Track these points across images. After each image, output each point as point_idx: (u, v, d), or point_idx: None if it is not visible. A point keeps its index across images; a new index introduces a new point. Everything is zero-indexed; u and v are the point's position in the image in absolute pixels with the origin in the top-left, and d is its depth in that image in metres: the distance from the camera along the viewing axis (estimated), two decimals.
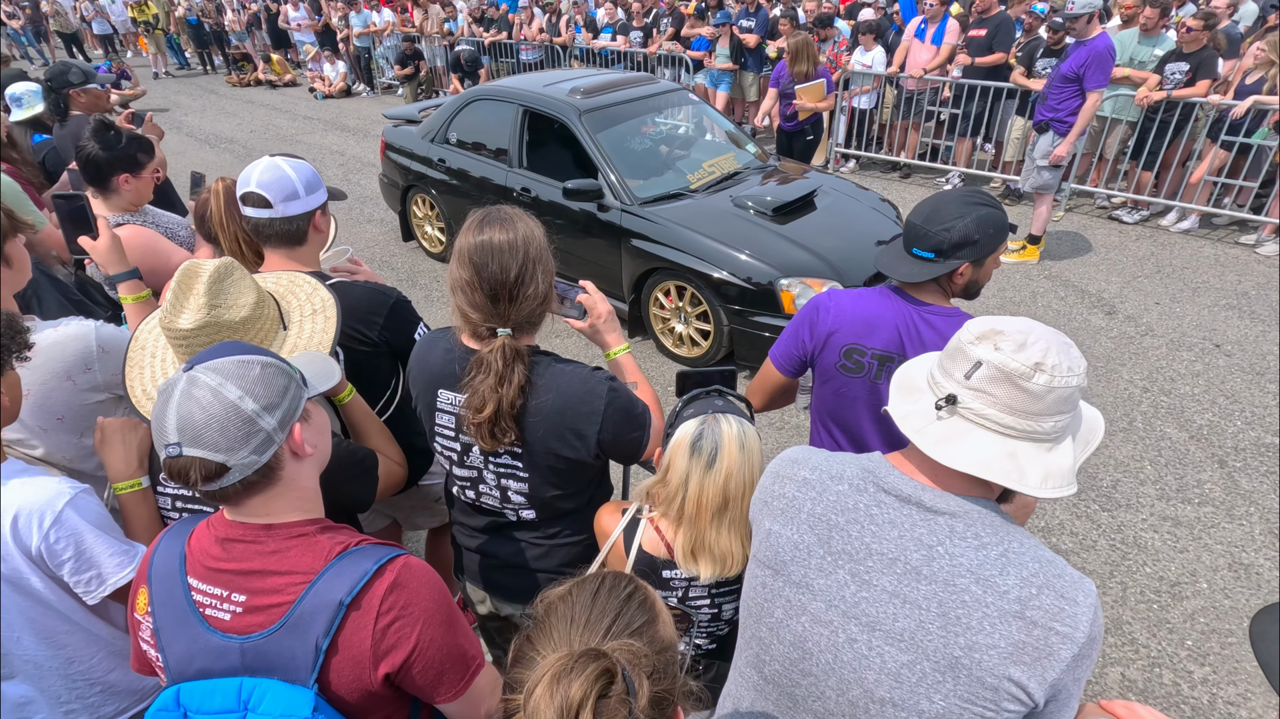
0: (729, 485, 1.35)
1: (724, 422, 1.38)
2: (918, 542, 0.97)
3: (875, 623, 0.98)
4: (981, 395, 0.93)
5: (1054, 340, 0.94)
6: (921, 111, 7.49)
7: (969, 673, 0.92)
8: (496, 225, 1.40)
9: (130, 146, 2.36)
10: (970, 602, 0.92)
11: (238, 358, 0.99)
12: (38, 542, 1.28)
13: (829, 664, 1.02)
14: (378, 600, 0.99)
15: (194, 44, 16.02)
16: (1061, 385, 0.91)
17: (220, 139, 10.25)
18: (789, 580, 1.06)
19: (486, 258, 1.37)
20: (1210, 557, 3.05)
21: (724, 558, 1.41)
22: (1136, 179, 6.46)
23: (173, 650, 1.02)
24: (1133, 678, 2.58)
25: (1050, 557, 0.95)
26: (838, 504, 1.04)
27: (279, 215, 1.71)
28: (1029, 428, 0.93)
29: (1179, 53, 5.93)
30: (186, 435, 0.94)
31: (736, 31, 8.50)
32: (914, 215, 1.68)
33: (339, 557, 1.02)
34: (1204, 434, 3.81)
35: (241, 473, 0.97)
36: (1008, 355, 0.91)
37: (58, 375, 1.56)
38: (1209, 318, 4.93)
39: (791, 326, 1.85)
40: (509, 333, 1.41)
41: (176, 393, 0.95)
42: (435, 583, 1.07)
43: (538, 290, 1.41)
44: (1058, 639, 0.90)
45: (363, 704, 1.03)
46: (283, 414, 1.01)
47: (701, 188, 4.66)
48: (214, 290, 1.35)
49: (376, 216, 7.08)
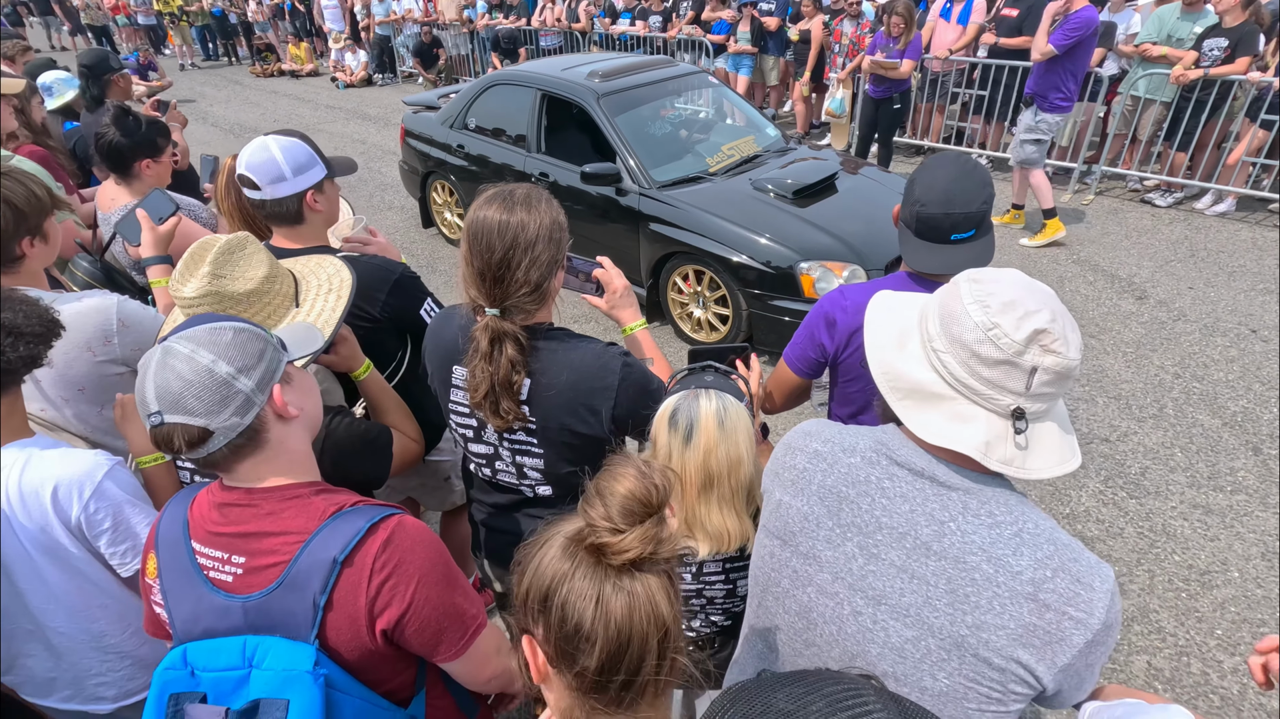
0: (709, 462, 1.33)
1: (703, 398, 1.36)
2: (929, 517, 0.94)
3: (881, 597, 0.96)
4: (1042, 398, 0.91)
5: (1064, 310, 0.91)
6: (946, 93, 7.33)
7: (975, 653, 0.90)
8: (498, 204, 1.35)
9: (149, 131, 2.38)
10: (980, 580, 0.90)
11: (210, 325, 1.01)
12: (78, 512, 1.31)
13: (833, 636, 1.01)
14: (370, 558, 1.00)
15: (219, 35, 16.23)
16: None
17: (245, 128, 10.37)
18: (796, 551, 1.05)
19: (478, 234, 1.34)
20: (1243, 545, 2.97)
21: (719, 535, 1.39)
22: (1170, 161, 6.26)
23: (179, 611, 1.05)
24: (1159, 666, 2.52)
25: (1067, 539, 0.92)
26: (849, 476, 1.02)
27: (268, 198, 1.70)
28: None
29: (1218, 28, 5.71)
30: (165, 403, 0.96)
31: (757, 15, 8.38)
32: (931, 206, 1.55)
33: (333, 516, 1.03)
34: (1238, 421, 3.70)
35: (226, 436, 0.98)
36: (1064, 357, 0.87)
37: (78, 346, 1.59)
38: (1245, 303, 4.78)
39: (805, 329, 1.79)
40: (496, 313, 1.38)
41: (153, 364, 0.97)
42: (430, 541, 1.07)
43: (528, 278, 1.34)
44: (1070, 624, 0.87)
45: (364, 662, 1.04)
46: (260, 376, 1.01)
47: (721, 171, 4.62)
48: (220, 262, 1.37)
49: (397, 203, 7.13)
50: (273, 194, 1.70)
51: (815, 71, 8.17)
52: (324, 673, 0.98)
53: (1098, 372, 4.14)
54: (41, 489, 1.29)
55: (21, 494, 1.29)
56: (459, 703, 1.26)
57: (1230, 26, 5.62)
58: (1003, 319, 0.88)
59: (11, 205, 1.59)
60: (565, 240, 1.42)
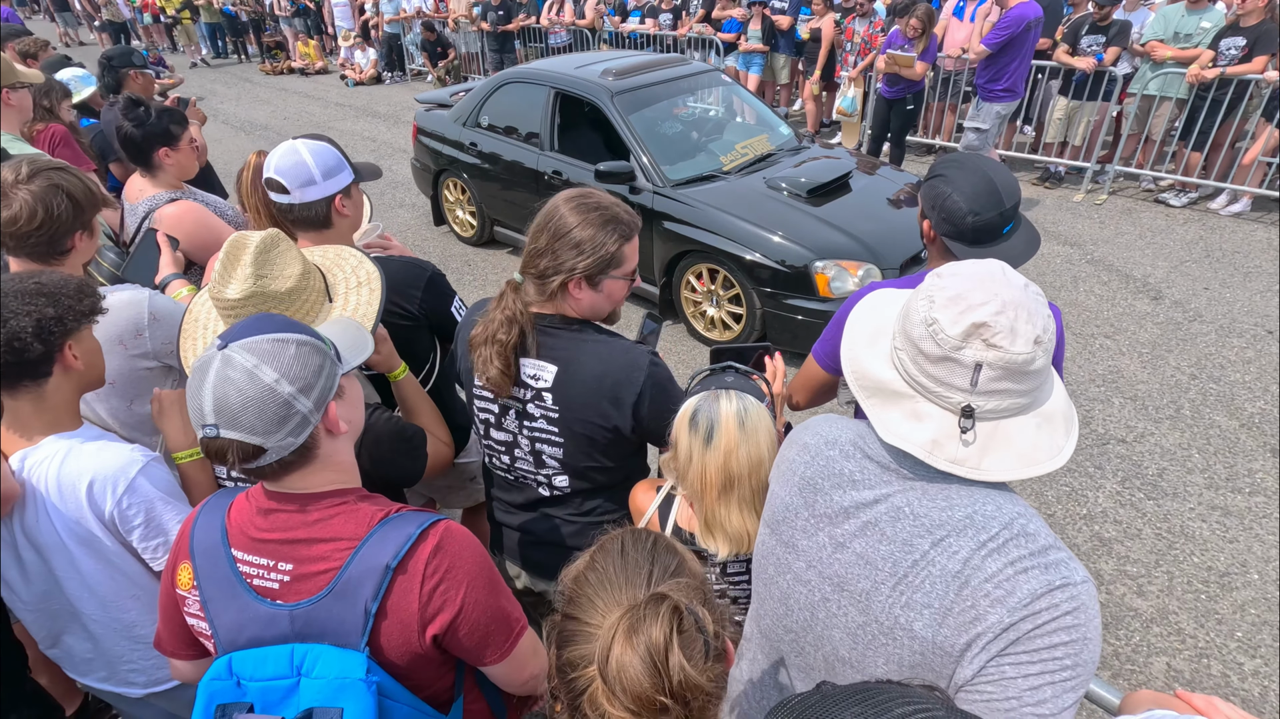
0: (730, 463, 1.33)
1: (723, 399, 1.36)
2: (890, 505, 0.94)
3: (843, 583, 0.98)
4: (994, 395, 0.86)
5: (1021, 301, 0.85)
6: (959, 93, 7.30)
7: (905, 631, 0.89)
8: (566, 198, 1.46)
9: (161, 119, 2.37)
10: (920, 561, 0.89)
11: (273, 336, 0.97)
12: (111, 507, 1.33)
13: (806, 622, 1.04)
14: (423, 564, 1.00)
15: (229, 33, 16.30)
16: (1049, 340, 0.87)
17: (255, 125, 10.41)
18: (780, 540, 1.08)
19: (541, 214, 1.48)
20: (1262, 547, 2.95)
21: (738, 537, 1.39)
22: (1185, 161, 6.22)
23: (222, 621, 1.03)
24: (1179, 668, 2.51)
25: (1033, 530, 0.87)
26: (826, 468, 1.03)
27: (297, 201, 1.70)
28: (1038, 385, 0.90)
29: (1235, 27, 5.67)
30: (224, 418, 0.93)
31: (768, 13, 8.36)
32: (986, 212, 1.49)
33: (381, 522, 1.02)
34: (1255, 422, 3.68)
35: (278, 454, 0.97)
36: (1006, 351, 0.83)
37: (110, 340, 1.60)
38: (1262, 303, 4.75)
39: (836, 324, 1.77)
40: (519, 279, 1.49)
41: (211, 373, 0.94)
42: (476, 546, 1.07)
43: (557, 266, 1.43)
44: (986, 602, 0.84)
45: (412, 667, 1.04)
46: (318, 395, 0.99)
47: (734, 169, 4.61)
48: (260, 261, 1.36)
49: (408, 201, 7.14)
50: (302, 198, 1.70)
51: (826, 70, 8.14)
52: (376, 680, 0.97)
53: (1114, 372, 4.12)
54: (79, 482, 1.31)
55: (60, 485, 1.31)
56: (492, 707, 1.26)
57: (1248, 26, 5.58)
58: (942, 314, 0.85)
59: (71, 198, 1.60)
60: (595, 263, 1.43)
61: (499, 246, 5.97)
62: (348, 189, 1.78)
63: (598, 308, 1.51)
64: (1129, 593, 2.79)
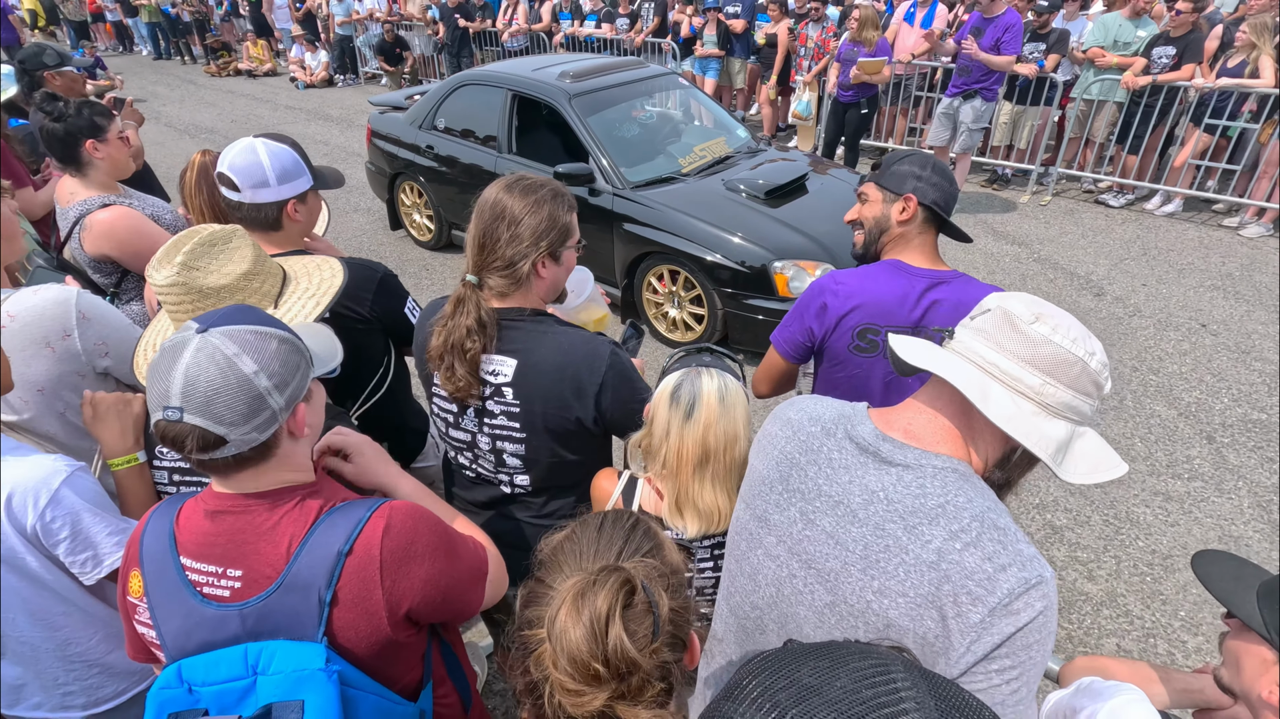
0: (708, 437, 1.36)
1: (705, 375, 1.39)
2: (863, 487, 0.96)
3: (811, 560, 0.99)
4: (980, 334, 0.92)
5: (1075, 321, 0.91)
6: (909, 96, 7.50)
7: (880, 618, 0.91)
8: (503, 185, 1.45)
9: (83, 112, 2.26)
10: (893, 547, 0.91)
11: (254, 328, 0.95)
12: (33, 520, 1.25)
13: (773, 598, 1.04)
14: (377, 548, 0.98)
15: (169, 34, 15.74)
16: (1060, 343, 0.87)
17: (200, 129, 10.07)
18: (754, 514, 1.09)
19: (479, 205, 1.46)
20: (1201, 530, 3.09)
21: (709, 514, 1.41)
22: (1122, 163, 6.51)
23: (169, 627, 0.99)
24: (1128, 648, 2.61)
25: (1003, 524, 0.89)
26: (805, 444, 1.04)
27: (247, 201, 1.65)
28: (1013, 373, 0.88)
29: (1166, 36, 5.97)
30: (191, 402, 0.89)
31: (723, 18, 8.46)
32: (955, 185, 1.74)
33: (328, 513, 1.01)
34: (1192, 411, 3.85)
35: (238, 448, 0.94)
36: (1016, 304, 0.91)
37: (36, 342, 1.50)
38: (1195, 298, 4.99)
39: (795, 312, 1.81)
40: (473, 280, 1.46)
41: (187, 354, 0.90)
42: (425, 516, 1.06)
43: (505, 254, 1.42)
44: (967, 599, 0.85)
45: (376, 654, 1.02)
46: (291, 393, 0.98)
47: (693, 171, 4.64)
48: (197, 254, 1.33)
49: (364, 205, 6.99)
50: (253, 199, 1.64)
51: (781, 75, 8.27)
52: (336, 669, 0.95)
53: None
54: None
55: None
56: (461, 695, 1.26)
57: (1178, 36, 5.88)
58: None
59: None
60: (557, 236, 1.44)
61: (457, 250, 5.88)
62: (303, 195, 1.72)
63: (558, 282, 1.54)
64: (1080, 578, 2.89)
